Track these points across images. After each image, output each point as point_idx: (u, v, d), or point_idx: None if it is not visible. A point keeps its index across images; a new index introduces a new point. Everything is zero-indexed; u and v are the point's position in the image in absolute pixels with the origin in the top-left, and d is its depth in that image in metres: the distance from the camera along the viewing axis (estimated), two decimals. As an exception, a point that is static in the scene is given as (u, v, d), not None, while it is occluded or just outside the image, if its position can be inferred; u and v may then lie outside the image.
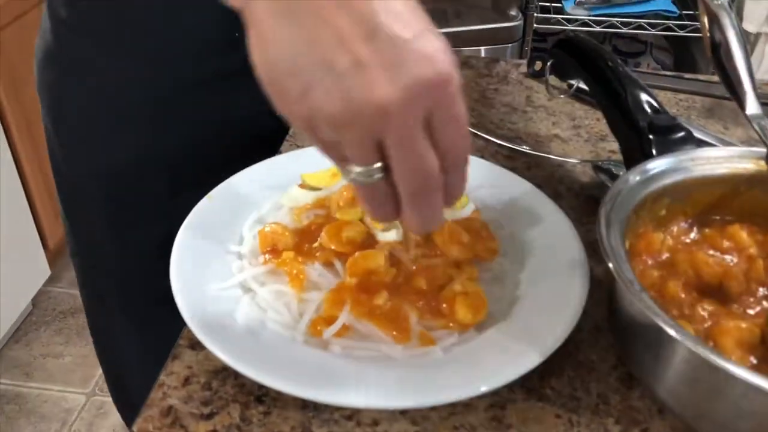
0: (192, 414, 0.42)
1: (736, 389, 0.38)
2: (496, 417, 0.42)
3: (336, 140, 0.35)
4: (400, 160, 0.34)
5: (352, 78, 0.32)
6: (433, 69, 0.33)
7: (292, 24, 0.33)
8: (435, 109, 0.34)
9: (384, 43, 0.32)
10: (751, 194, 0.52)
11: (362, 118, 0.33)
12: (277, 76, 0.34)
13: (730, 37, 0.58)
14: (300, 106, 0.34)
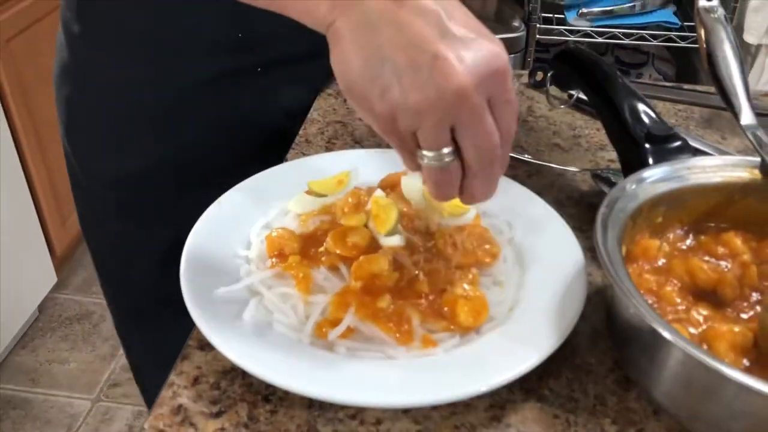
0: (201, 412, 0.43)
1: (729, 390, 0.39)
2: (495, 416, 0.44)
3: (412, 132, 0.39)
4: (470, 137, 0.39)
5: (431, 70, 0.37)
6: (495, 59, 0.39)
7: (373, 32, 0.38)
8: (496, 93, 0.39)
9: (455, 40, 0.38)
10: (746, 202, 0.53)
11: (443, 102, 0.38)
12: (360, 83, 0.39)
13: (725, 49, 0.59)
14: (382, 105, 0.39)
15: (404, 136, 0.40)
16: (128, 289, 0.81)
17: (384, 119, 0.40)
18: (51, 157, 1.83)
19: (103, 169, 0.75)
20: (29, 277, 1.82)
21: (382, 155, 0.61)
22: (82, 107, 0.74)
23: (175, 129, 0.71)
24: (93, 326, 1.94)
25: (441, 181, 0.41)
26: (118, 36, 0.68)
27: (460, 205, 0.53)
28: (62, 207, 1.92)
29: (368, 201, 0.51)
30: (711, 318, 0.47)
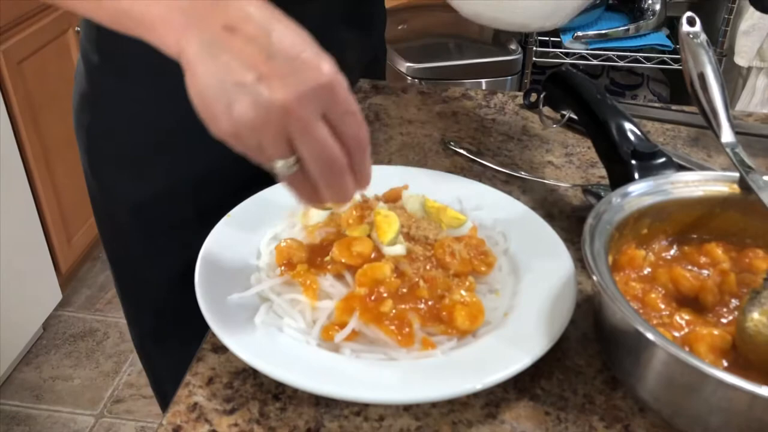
0: (215, 410, 0.46)
1: (708, 387, 0.42)
2: (491, 413, 0.47)
3: (259, 144, 0.43)
4: (304, 147, 0.43)
5: (259, 89, 0.41)
6: (317, 75, 0.42)
7: (212, 59, 0.42)
8: (329, 106, 0.43)
9: (279, 61, 0.42)
10: (726, 215, 0.57)
11: (270, 118, 0.42)
12: (207, 102, 0.43)
13: (707, 72, 0.63)
14: (227, 123, 0.43)
15: (255, 150, 0.44)
16: (148, 308, 0.84)
17: (232, 136, 0.44)
18: (58, 177, 1.87)
19: (124, 192, 0.78)
20: (35, 295, 1.85)
21: (382, 171, 0.64)
22: (102, 134, 0.77)
23: (190, 153, 0.74)
24: (97, 343, 1.96)
25: (295, 186, 0.46)
26: (135, 66, 0.72)
27: (457, 217, 0.57)
28: (68, 226, 1.95)
29: (371, 213, 0.55)
30: (693, 322, 0.50)
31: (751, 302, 0.47)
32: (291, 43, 0.42)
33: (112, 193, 0.79)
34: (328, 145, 0.43)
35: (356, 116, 0.44)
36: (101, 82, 0.74)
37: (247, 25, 0.42)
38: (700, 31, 0.65)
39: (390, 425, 0.46)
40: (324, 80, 0.42)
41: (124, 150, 0.76)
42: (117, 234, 0.82)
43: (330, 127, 0.44)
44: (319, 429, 0.45)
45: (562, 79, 0.69)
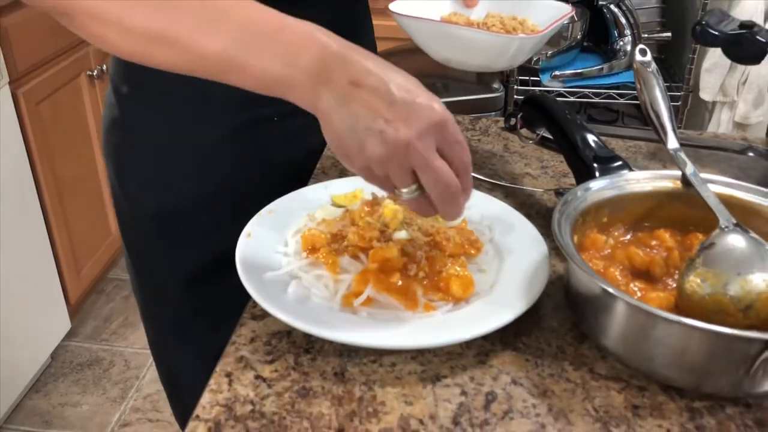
0: (259, 360, 0.57)
1: (657, 328, 0.53)
2: (482, 360, 0.58)
3: (386, 175, 0.53)
4: (425, 175, 0.53)
5: (385, 131, 0.51)
6: (432, 114, 0.52)
7: (344, 110, 0.52)
8: (441, 139, 0.53)
9: (399, 106, 0.51)
10: (672, 206, 0.68)
11: (396, 153, 0.51)
12: (343, 144, 0.53)
13: (657, 94, 0.75)
14: (359, 159, 0.53)
15: (383, 180, 0.54)
16: (165, 305, 0.94)
17: (364, 169, 0.54)
18: (69, 212, 1.98)
19: (147, 204, 0.88)
20: (45, 325, 1.94)
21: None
22: (129, 153, 0.88)
23: (209, 171, 0.85)
24: (103, 371, 2.04)
25: (417, 208, 0.56)
26: (160, 96, 0.82)
27: (450, 210, 0.68)
28: (78, 259, 2.05)
29: (380, 207, 0.66)
30: (644, 289, 0.62)
31: (688, 267, 0.59)
32: (407, 90, 0.52)
33: (136, 204, 0.89)
34: (445, 173, 0.53)
35: (463, 144, 0.54)
36: (130, 108, 0.85)
37: (369, 78, 0.51)
38: (650, 60, 0.78)
39: (401, 369, 0.56)
40: (437, 118, 0.52)
41: (148, 167, 0.87)
42: (139, 240, 0.92)
43: (442, 156, 0.53)
44: (343, 373, 0.56)
45: (536, 101, 0.82)
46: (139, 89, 0.84)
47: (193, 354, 0.92)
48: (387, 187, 0.55)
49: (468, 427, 0.51)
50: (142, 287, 0.96)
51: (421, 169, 0.52)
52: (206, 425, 0.51)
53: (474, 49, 0.76)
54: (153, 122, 0.84)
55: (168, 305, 0.93)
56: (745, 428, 0.52)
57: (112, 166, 0.91)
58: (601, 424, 0.52)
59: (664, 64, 2.22)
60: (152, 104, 0.84)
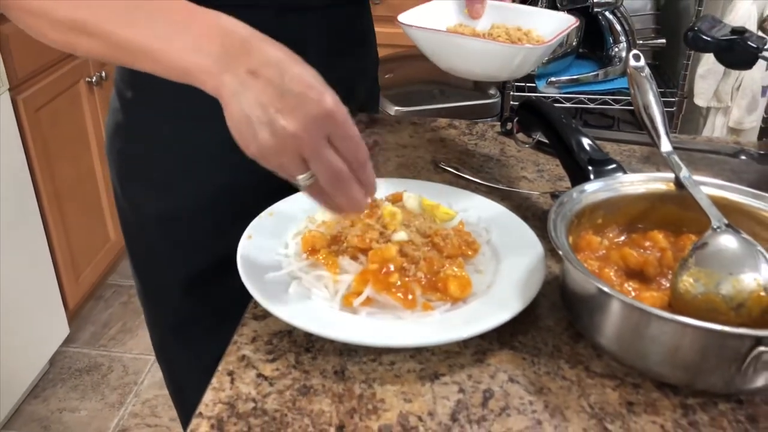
0: (260, 359, 0.58)
1: (647, 322, 0.54)
2: (479, 359, 0.59)
3: (281, 164, 0.55)
4: (315, 165, 0.54)
5: (276, 121, 0.53)
6: (320, 106, 0.53)
7: (241, 98, 0.54)
8: (332, 130, 0.54)
9: (289, 97, 0.53)
10: (665, 208, 0.70)
11: (286, 143, 0.53)
12: (240, 132, 0.55)
13: (650, 98, 0.76)
14: (255, 148, 0.54)
15: (279, 169, 0.55)
16: (169, 307, 0.95)
17: (260, 158, 0.55)
18: (68, 218, 1.99)
19: (150, 208, 0.89)
20: (43, 330, 1.94)
21: (387, 182, 0.77)
22: (133, 157, 0.89)
23: (211, 175, 0.86)
24: (102, 377, 2.04)
25: (315, 196, 0.57)
26: (163, 100, 0.84)
27: (448, 212, 0.70)
28: (77, 264, 2.06)
29: (379, 210, 0.67)
30: (638, 289, 0.63)
31: (681, 267, 0.60)
32: (300, 81, 0.53)
33: (139, 208, 0.91)
34: (332, 162, 0.54)
35: (354, 139, 0.55)
36: (133, 113, 0.86)
37: (266, 69, 0.53)
38: (644, 65, 0.79)
39: (399, 368, 0.57)
40: (326, 110, 0.53)
41: (150, 171, 0.88)
42: (142, 243, 0.93)
43: (334, 147, 0.55)
44: (343, 371, 0.57)
45: (532, 105, 0.83)
46: (143, 94, 0.85)
47: (195, 357, 0.93)
48: (285, 174, 0.56)
49: (466, 424, 0.52)
50: (145, 290, 0.97)
51: (309, 159, 0.54)
52: (209, 422, 0.52)
53: (480, 59, 0.78)
54: (156, 127, 0.86)
55: (171, 307, 0.94)
56: (737, 424, 0.53)
57: (116, 170, 0.92)
58: (596, 421, 0.53)
59: (659, 71, 2.24)
60: (156, 109, 0.85)
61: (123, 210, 0.94)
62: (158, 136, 0.86)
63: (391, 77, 2.12)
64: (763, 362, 0.52)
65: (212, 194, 0.87)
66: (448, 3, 0.85)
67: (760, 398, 0.55)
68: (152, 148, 0.87)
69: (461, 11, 0.85)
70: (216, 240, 0.84)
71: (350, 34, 0.63)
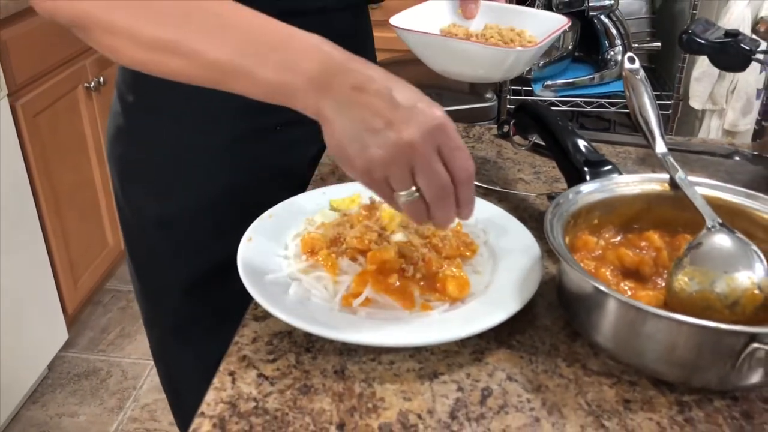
0: (261, 359, 0.59)
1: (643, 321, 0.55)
2: (477, 358, 0.59)
3: (385, 178, 0.54)
4: (423, 176, 0.54)
5: (388, 132, 0.52)
6: (434, 117, 0.53)
7: (347, 113, 0.53)
8: (442, 143, 0.54)
9: (401, 109, 0.52)
10: (660, 209, 0.71)
11: (398, 155, 0.52)
12: (344, 147, 0.53)
13: (645, 100, 0.77)
14: (360, 161, 0.53)
15: (382, 184, 0.55)
16: (168, 308, 0.95)
17: (363, 173, 0.54)
18: (67, 223, 1.99)
19: (150, 211, 0.90)
20: (42, 335, 1.94)
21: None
22: (133, 161, 0.90)
23: (211, 178, 0.87)
24: (101, 381, 2.04)
25: (413, 212, 0.56)
26: (165, 105, 0.84)
27: (446, 214, 0.70)
28: (75, 269, 2.06)
29: (378, 212, 0.68)
30: (634, 288, 0.64)
31: (676, 266, 0.61)
32: (409, 96, 0.53)
33: (140, 210, 0.91)
34: (441, 175, 0.54)
35: (464, 152, 0.55)
36: (135, 117, 0.87)
37: (372, 84, 0.53)
38: (639, 68, 0.80)
39: (399, 367, 0.58)
40: (439, 121, 0.53)
41: (151, 174, 0.88)
42: (142, 247, 0.94)
43: (442, 160, 0.54)
44: (343, 371, 0.57)
45: (528, 108, 0.84)
46: (145, 98, 0.86)
47: (194, 358, 0.94)
48: (385, 192, 0.56)
49: (465, 421, 0.53)
50: (145, 293, 0.97)
51: (421, 171, 0.53)
52: (211, 421, 0.53)
53: (472, 62, 0.78)
54: (157, 130, 0.86)
55: (170, 310, 0.94)
56: (732, 420, 0.54)
57: (116, 173, 0.92)
58: (593, 418, 0.54)
59: (655, 74, 2.25)
60: (157, 112, 0.85)
61: (123, 212, 0.94)
62: (159, 140, 0.87)
63: (388, 81, 2.13)
64: (757, 359, 0.53)
65: (212, 197, 0.88)
66: (441, 3, 0.86)
67: (755, 395, 0.56)
68: (153, 152, 0.87)
69: (455, 11, 0.86)
70: (216, 242, 0.85)
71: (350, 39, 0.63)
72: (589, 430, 0.52)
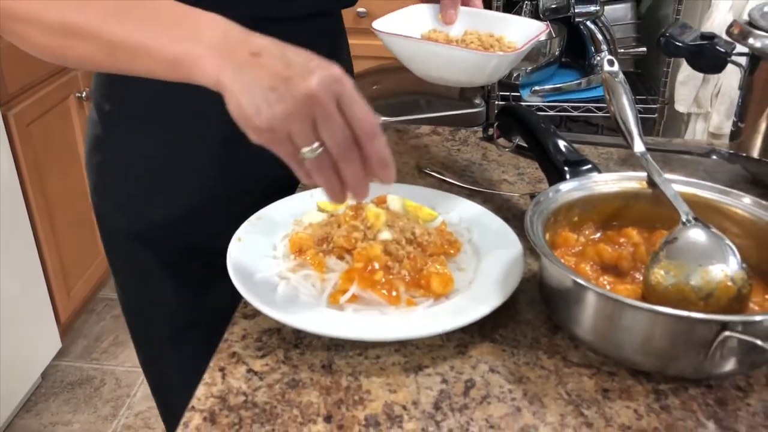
0: (250, 356, 0.60)
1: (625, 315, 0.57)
2: (461, 351, 0.61)
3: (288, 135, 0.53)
4: (326, 128, 0.53)
5: (287, 87, 0.52)
6: (329, 72, 0.53)
7: (244, 76, 0.53)
8: (340, 94, 0.53)
9: (297, 66, 0.53)
10: (638, 206, 0.73)
11: (298, 106, 0.52)
12: (243, 109, 0.53)
13: (624, 102, 0.79)
14: (262, 120, 0.53)
15: (285, 142, 0.54)
16: (152, 325, 0.95)
17: (266, 131, 0.53)
18: (60, 232, 2.00)
19: (128, 222, 0.89)
20: (35, 344, 1.95)
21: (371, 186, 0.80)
22: (110, 172, 0.88)
23: (192, 186, 0.86)
24: (94, 390, 2.05)
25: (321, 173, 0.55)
26: (142, 112, 0.84)
27: (431, 213, 0.73)
28: (68, 278, 2.07)
29: (364, 212, 0.70)
30: (613, 283, 0.66)
31: (652, 261, 0.63)
32: (304, 56, 0.54)
33: (117, 223, 0.90)
34: (345, 129, 0.53)
35: (362, 105, 0.54)
36: (112, 125, 0.86)
37: (267, 50, 0.54)
38: (618, 70, 0.82)
39: (384, 361, 0.60)
40: (335, 73, 0.53)
41: (129, 186, 0.87)
42: (122, 256, 0.93)
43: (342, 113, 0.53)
44: (331, 365, 0.59)
45: (512, 111, 0.86)
46: (121, 106, 0.85)
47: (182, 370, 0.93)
48: (290, 151, 0.55)
49: (448, 411, 0.55)
50: (128, 306, 0.96)
51: (322, 120, 0.53)
52: (201, 415, 0.54)
53: (454, 66, 0.80)
54: (135, 139, 0.85)
55: (154, 322, 0.94)
56: (706, 407, 0.56)
57: (94, 183, 0.91)
58: (573, 407, 0.55)
59: (641, 78, 2.28)
60: (134, 121, 0.85)
61: (102, 225, 0.93)
62: (137, 149, 0.85)
63: (378, 88, 2.16)
64: (729, 347, 0.55)
65: (195, 205, 0.87)
66: (422, 8, 0.88)
67: (729, 383, 0.58)
68: (131, 161, 0.86)
69: (435, 17, 0.88)
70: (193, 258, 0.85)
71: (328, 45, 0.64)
72: (568, 418, 0.54)
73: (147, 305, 0.96)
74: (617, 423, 0.54)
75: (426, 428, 0.53)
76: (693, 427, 0.54)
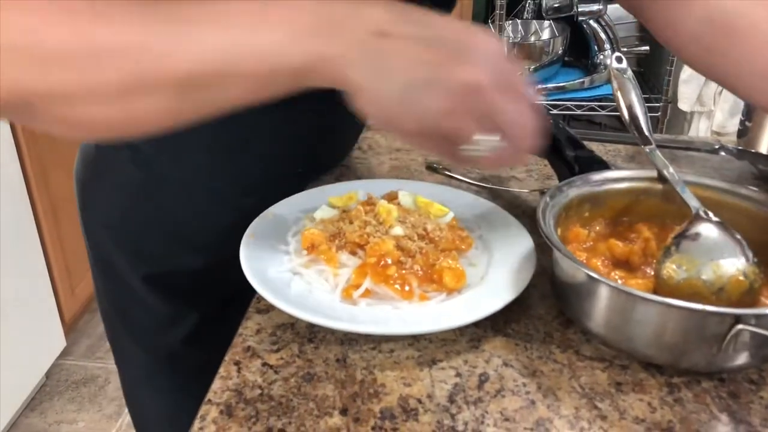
0: (265, 350, 0.60)
1: (637, 308, 0.57)
2: (474, 346, 0.61)
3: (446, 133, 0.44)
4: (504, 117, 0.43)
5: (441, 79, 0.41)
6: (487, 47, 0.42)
7: (377, 70, 0.41)
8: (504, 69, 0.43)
9: (440, 44, 0.40)
10: (649, 202, 0.73)
11: (462, 101, 0.42)
12: (390, 112, 0.43)
13: (633, 98, 0.80)
14: (414, 122, 0.43)
15: (441, 143, 0.45)
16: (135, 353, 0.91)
17: (419, 134, 0.45)
18: (64, 231, 2.00)
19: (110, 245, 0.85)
20: (40, 343, 1.95)
21: (382, 183, 0.80)
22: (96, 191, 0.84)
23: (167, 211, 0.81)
24: (99, 388, 2.05)
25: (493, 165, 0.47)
26: None
27: (442, 209, 0.73)
28: (72, 277, 2.07)
29: (375, 207, 0.70)
30: (624, 277, 0.66)
31: (664, 255, 0.63)
32: (443, 26, 0.41)
33: (100, 244, 0.86)
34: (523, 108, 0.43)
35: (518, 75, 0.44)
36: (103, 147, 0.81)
37: (392, 25, 0.40)
38: (626, 67, 0.82)
39: (398, 355, 0.60)
40: (493, 48, 0.42)
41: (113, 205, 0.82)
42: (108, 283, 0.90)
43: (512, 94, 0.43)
44: (345, 359, 0.59)
45: (520, 108, 0.87)
46: None
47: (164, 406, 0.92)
48: (447, 149, 0.46)
49: (463, 404, 0.55)
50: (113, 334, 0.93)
51: (496, 110, 0.43)
52: (218, 408, 0.54)
53: None
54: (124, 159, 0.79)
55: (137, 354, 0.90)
56: (719, 400, 0.56)
57: (81, 202, 0.87)
58: (587, 400, 0.56)
59: (644, 77, 2.29)
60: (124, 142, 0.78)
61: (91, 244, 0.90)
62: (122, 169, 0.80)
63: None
64: (742, 341, 0.55)
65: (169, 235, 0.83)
66: None
67: (742, 376, 0.58)
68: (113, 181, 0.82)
69: None
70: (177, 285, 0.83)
71: None
72: (583, 411, 0.55)
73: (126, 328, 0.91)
74: (631, 416, 0.54)
75: (441, 421, 0.53)
76: (706, 420, 0.54)
